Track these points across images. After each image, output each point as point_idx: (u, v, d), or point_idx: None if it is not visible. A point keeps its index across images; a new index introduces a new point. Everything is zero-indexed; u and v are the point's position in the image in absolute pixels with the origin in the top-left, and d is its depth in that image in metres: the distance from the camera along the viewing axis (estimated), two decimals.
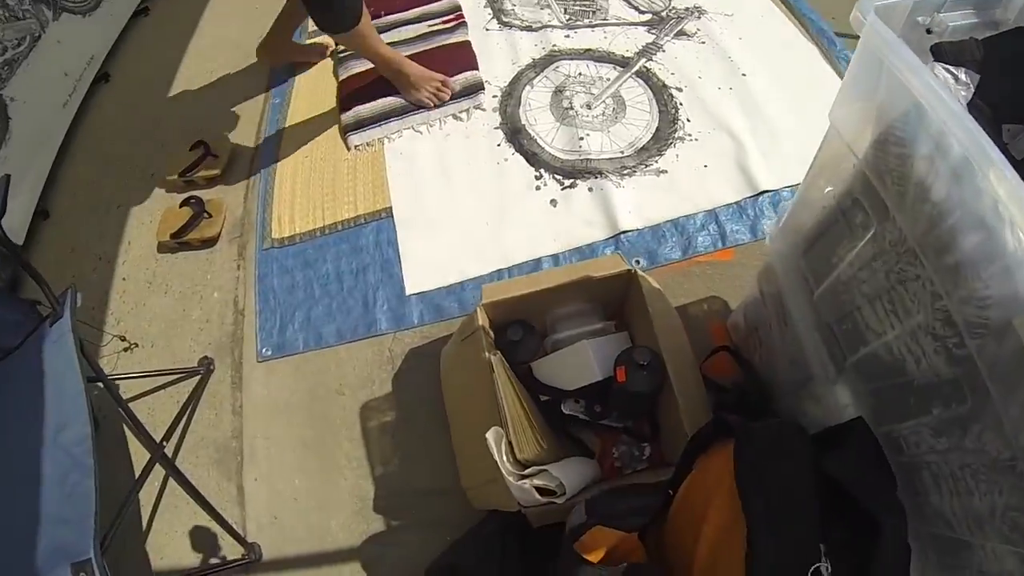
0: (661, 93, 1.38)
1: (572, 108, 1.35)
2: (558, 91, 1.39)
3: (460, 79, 1.43)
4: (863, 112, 0.60)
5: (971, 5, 0.62)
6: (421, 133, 1.39)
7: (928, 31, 0.61)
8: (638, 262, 1.17)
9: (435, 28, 1.59)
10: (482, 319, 0.88)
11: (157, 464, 0.96)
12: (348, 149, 1.41)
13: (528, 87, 1.42)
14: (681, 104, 1.35)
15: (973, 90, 0.55)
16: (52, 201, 1.77)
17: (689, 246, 1.19)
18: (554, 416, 0.94)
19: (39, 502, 0.77)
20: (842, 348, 0.72)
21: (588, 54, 1.47)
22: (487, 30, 1.57)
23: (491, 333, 0.92)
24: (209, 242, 1.49)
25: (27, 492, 0.78)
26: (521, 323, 0.94)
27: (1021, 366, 0.43)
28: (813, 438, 0.71)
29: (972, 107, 0.55)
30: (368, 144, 1.41)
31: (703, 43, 1.49)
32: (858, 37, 0.58)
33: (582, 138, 1.30)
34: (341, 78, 1.54)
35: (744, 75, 1.41)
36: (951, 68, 0.56)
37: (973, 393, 0.50)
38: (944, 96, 0.45)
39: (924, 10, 0.60)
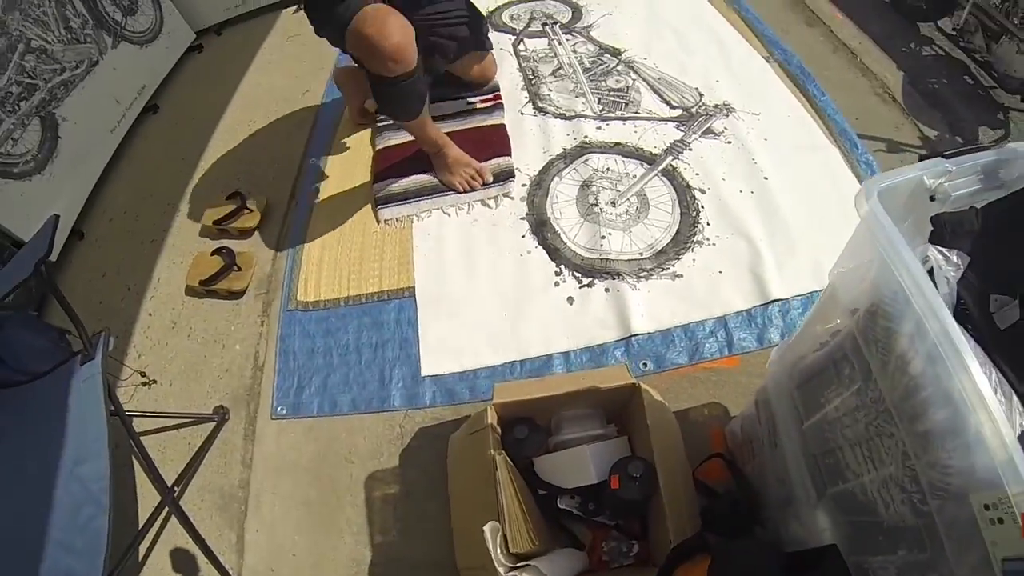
0: (684, 194, 1.60)
1: (597, 204, 1.58)
2: (585, 185, 1.63)
3: (493, 164, 1.68)
4: (859, 281, 0.74)
5: (978, 171, 0.72)
6: (450, 216, 1.63)
7: (932, 198, 0.73)
8: (645, 365, 1.36)
9: (474, 107, 1.85)
10: (492, 417, 1.07)
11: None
12: (378, 222, 1.66)
13: (557, 178, 1.65)
14: (703, 207, 1.57)
15: (962, 270, 0.68)
16: (89, 223, 2.07)
17: (696, 352, 1.38)
18: (549, 507, 1.12)
19: (49, 526, 0.93)
20: (824, 478, 0.87)
21: (617, 148, 1.71)
22: (522, 114, 1.84)
23: (499, 430, 1.11)
24: (236, 294, 1.73)
25: (38, 514, 0.94)
26: (527, 422, 1.13)
27: (973, 533, 0.54)
28: (790, 557, 0.87)
29: (963, 281, 0.68)
30: (398, 220, 1.65)
31: (729, 143, 1.72)
32: (880, 140, 0.71)
33: (604, 237, 1.52)
34: (378, 147, 1.80)
35: (766, 178, 1.62)
36: (944, 251, 0.70)
37: (932, 544, 0.62)
38: (926, 291, 0.59)
39: (932, 175, 0.72)
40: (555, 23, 2.17)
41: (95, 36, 2.09)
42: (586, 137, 1.74)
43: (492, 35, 2.12)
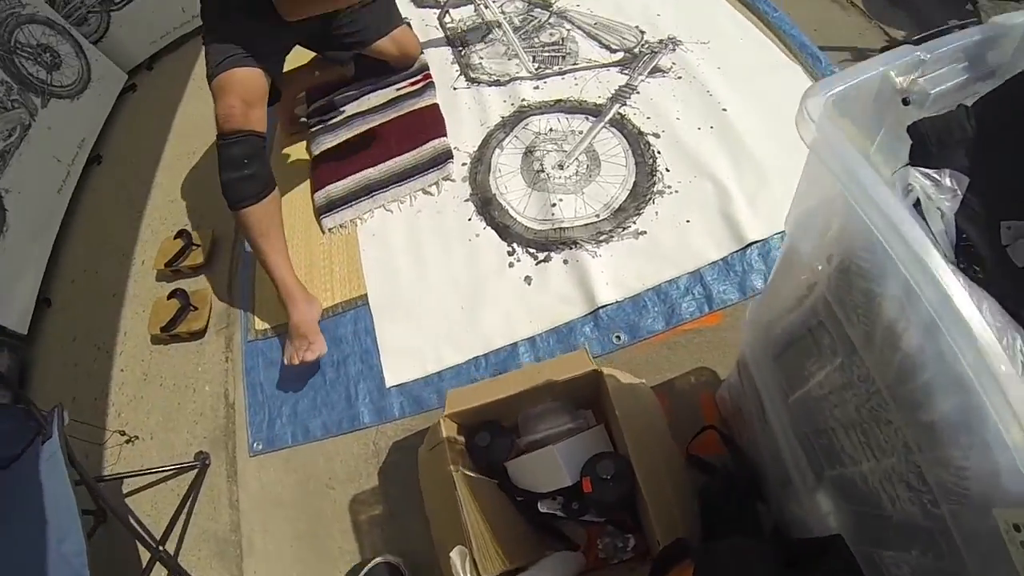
0: (637, 142, 1.39)
1: (543, 170, 1.38)
2: (528, 152, 1.43)
3: (428, 148, 1.49)
4: (821, 230, 0.55)
5: (959, 57, 0.52)
6: (392, 212, 1.45)
7: (905, 101, 0.53)
8: (619, 338, 1.19)
9: (403, 91, 1.65)
10: (446, 430, 0.92)
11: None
12: (323, 232, 1.49)
13: (498, 150, 1.46)
14: (659, 153, 1.36)
15: (960, 195, 0.49)
16: (54, 288, 1.95)
17: (673, 314, 1.19)
18: (532, 513, 0.97)
19: None
20: (820, 459, 0.70)
21: (559, 106, 1.50)
22: (455, 89, 1.62)
23: (459, 440, 0.96)
24: (197, 335, 1.60)
25: None
26: (490, 427, 0.98)
27: (1000, 548, 0.39)
28: (787, 550, 0.71)
29: (963, 210, 0.49)
30: (341, 226, 1.48)
31: (679, 78, 1.49)
32: (843, 49, 0.50)
33: (555, 204, 1.33)
34: (314, 154, 1.62)
35: (725, 110, 1.41)
36: (931, 173, 0.49)
37: (950, 552, 0.47)
38: (909, 237, 0.40)
39: (901, 69, 0.52)
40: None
41: (22, 100, 1.92)
42: (524, 100, 1.53)
43: (416, 12, 1.92)
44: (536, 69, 1.59)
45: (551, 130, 1.45)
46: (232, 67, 1.28)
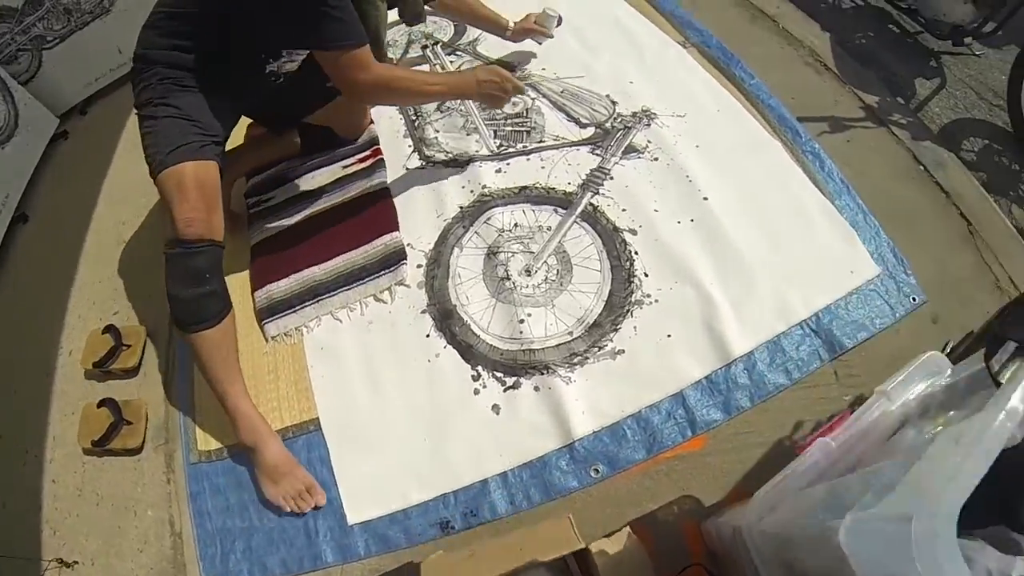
0: (612, 240, 1.21)
1: (509, 277, 1.18)
2: (491, 253, 1.22)
3: (379, 245, 1.27)
4: None
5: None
6: (342, 321, 1.23)
7: None
8: (596, 471, 1.02)
9: (351, 170, 1.42)
10: None
11: None
12: (266, 340, 1.27)
13: (456, 249, 1.24)
14: (636, 254, 1.18)
15: None
16: None
17: (654, 442, 1.03)
18: None
19: None
20: None
21: (524, 194, 1.29)
22: (407, 169, 1.40)
23: None
24: (133, 451, 1.37)
25: None
26: None
27: None
28: None
29: None
30: (286, 334, 1.26)
31: (656, 159, 1.31)
32: (820, 120, 0.37)
33: (522, 320, 1.13)
34: (253, 243, 1.39)
35: (706, 199, 1.23)
36: None
37: None
38: None
39: None
40: (436, 43, 1.69)
41: None
42: (485, 187, 1.31)
43: None
44: (498, 147, 1.38)
45: (516, 225, 1.25)
46: (186, 159, 1.05)
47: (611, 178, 1.29)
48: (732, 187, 1.25)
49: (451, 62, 1.62)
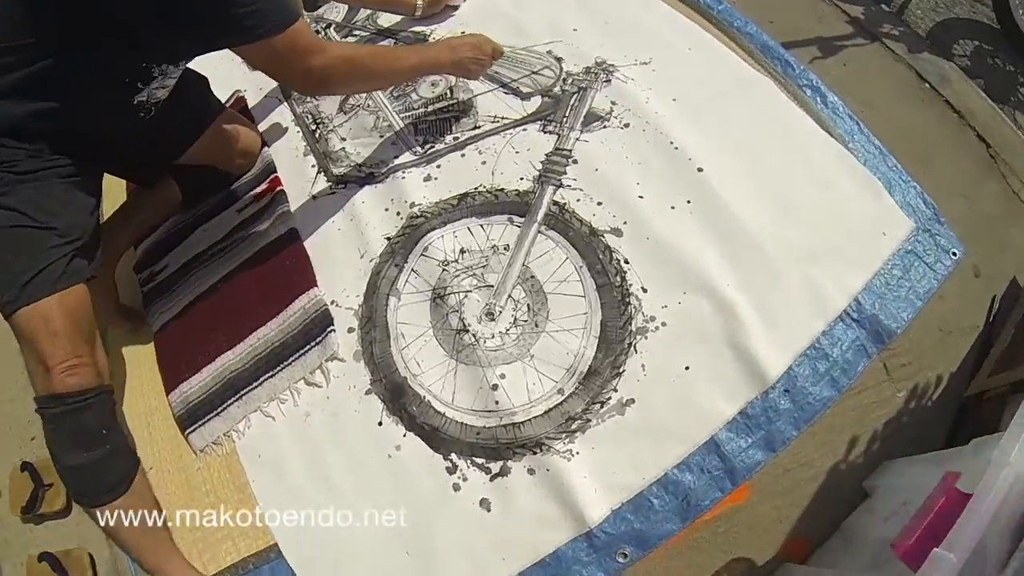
0: (592, 249, 0.86)
1: (467, 328, 0.84)
2: (438, 297, 0.87)
3: (297, 310, 0.91)
4: None
5: None
6: (274, 418, 0.89)
7: None
8: (624, 556, 0.74)
9: (247, 212, 1.05)
10: None
11: None
12: (195, 454, 0.95)
13: (392, 299, 0.89)
14: (627, 262, 0.84)
15: None
16: None
17: (688, 507, 0.75)
18: None
19: None
20: None
21: (465, 206, 0.93)
22: (314, 197, 1.02)
23: None
24: None
25: None
26: None
27: None
28: None
29: None
30: (215, 443, 0.93)
31: (627, 125, 0.94)
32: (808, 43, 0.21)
33: (495, 385, 0.80)
34: (154, 329, 1.04)
35: (701, 170, 0.88)
36: None
37: None
38: None
39: None
40: (328, 26, 1.26)
41: None
42: (414, 205, 0.94)
43: (250, 79, 1.26)
44: (423, 146, 1.00)
45: (463, 252, 0.89)
46: (47, 292, 0.74)
47: (574, 161, 0.93)
48: (728, 147, 0.91)
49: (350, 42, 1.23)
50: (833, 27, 1.30)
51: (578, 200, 0.90)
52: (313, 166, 1.06)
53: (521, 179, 0.93)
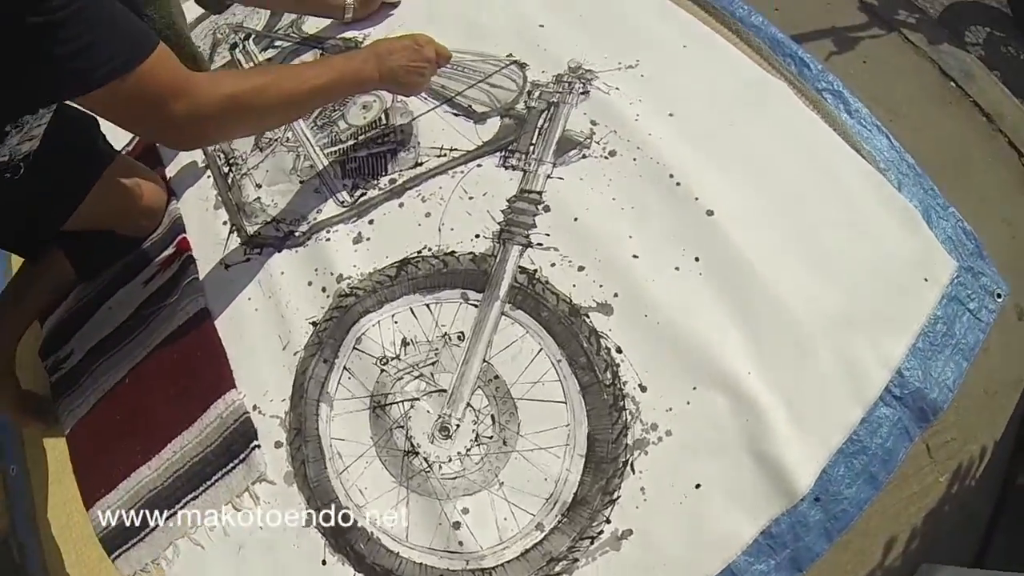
0: (574, 333, 0.62)
1: (416, 449, 0.61)
2: (378, 407, 0.64)
3: (214, 419, 0.69)
4: None
5: None
6: (203, 547, 0.69)
7: None
8: None
9: (155, 284, 0.81)
10: None
11: None
12: None
13: (324, 407, 0.66)
14: (619, 351, 0.60)
15: None
16: None
17: None
18: None
19: None
20: None
21: (407, 279, 0.68)
22: (226, 266, 0.77)
23: None
24: None
25: None
26: None
27: None
28: None
29: None
30: (143, 571, 0.74)
31: (612, 153, 0.68)
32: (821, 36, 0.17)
33: (457, 523, 0.59)
34: (66, 431, 0.81)
35: (711, 213, 0.63)
36: None
37: None
38: None
39: None
40: (247, 36, 0.98)
41: None
42: (342, 279, 0.70)
43: None
44: (352, 193, 0.74)
45: (405, 344, 0.65)
46: None
47: (545, 208, 0.67)
48: (740, 178, 0.66)
49: (269, 58, 0.95)
50: (845, 15, 1.04)
51: (553, 265, 0.65)
52: (225, 222, 0.81)
53: (477, 236, 0.68)
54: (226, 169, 0.86)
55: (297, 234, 0.74)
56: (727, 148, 0.69)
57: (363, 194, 0.74)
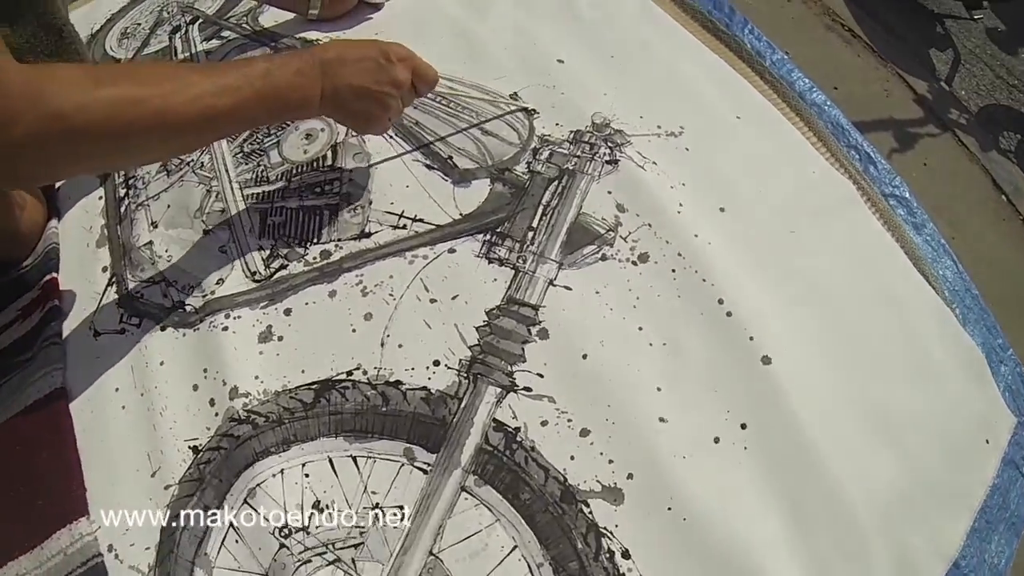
0: (564, 528, 0.37)
1: None
2: None
3: (55, 554, 0.41)
4: None
5: None
6: None
7: None
8: None
9: (6, 338, 0.51)
10: None
11: None
12: None
13: (199, 571, 0.44)
14: (627, 556, 0.36)
15: None
16: None
17: None
18: None
19: None
20: None
21: (327, 415, 0.41)
22: (96, 333, 0.48)
23: None
24: None
25: None
26: None
27: None
28: None
29: None
30: None
31: (641, 259, 0.44)
32: (881, 127, 0.21)
33: None
34: None
35: (767, 361, 0.40)
36: None
37: None
38: None
39: None
40: (193, 20, 0.67)
41: None
42: (236, 394, 0.42)
43: None
44: (269, 262, 0.47)
45: (319, 508, 0.38)
46: None
47: (542, 333, 0.42)
48: (803, 311, 0.43)
49: (209, 49, 0.67)
50: (902, 106, 0.88)
51: (545, 423, 0.40)
52: (105, 268, 0.54)
53: (436, 364, 0.42)
54: (123, 191, 0.58)
55: (188, 309, 0.47)
56: (789, 268, 0.46)
57: (283, 266, 0.47)
